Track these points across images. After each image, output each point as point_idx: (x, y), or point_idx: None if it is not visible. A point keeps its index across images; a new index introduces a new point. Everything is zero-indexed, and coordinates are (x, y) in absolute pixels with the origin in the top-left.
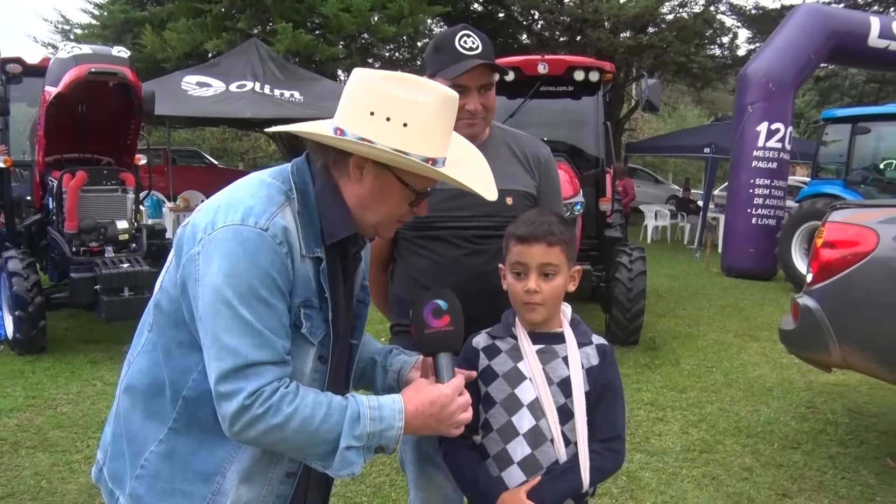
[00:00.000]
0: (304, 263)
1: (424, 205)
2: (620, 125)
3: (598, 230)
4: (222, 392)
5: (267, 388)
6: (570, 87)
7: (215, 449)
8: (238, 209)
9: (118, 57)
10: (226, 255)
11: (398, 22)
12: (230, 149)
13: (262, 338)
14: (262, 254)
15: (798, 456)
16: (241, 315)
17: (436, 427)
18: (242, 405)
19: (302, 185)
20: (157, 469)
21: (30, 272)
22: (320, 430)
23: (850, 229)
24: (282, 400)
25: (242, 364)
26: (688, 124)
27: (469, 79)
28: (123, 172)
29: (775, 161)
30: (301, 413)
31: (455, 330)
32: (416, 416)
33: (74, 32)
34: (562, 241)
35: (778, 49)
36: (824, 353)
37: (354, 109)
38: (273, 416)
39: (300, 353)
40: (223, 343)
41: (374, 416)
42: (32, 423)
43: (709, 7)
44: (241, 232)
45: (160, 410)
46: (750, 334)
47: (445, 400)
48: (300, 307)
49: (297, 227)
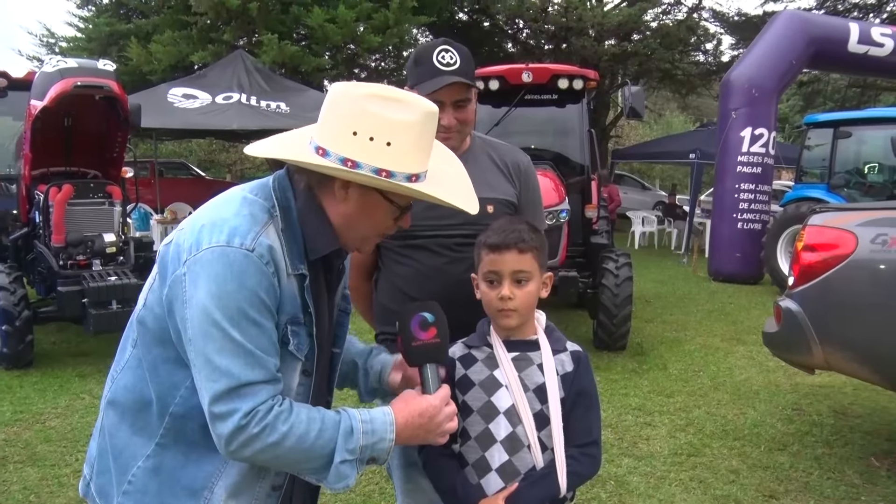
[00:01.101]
0: (290, 281)
1: (408, 217)
2: (606, 132)
3: (584, 237)
4: (217, 413)
5: (262, 408)
6: (554, 96)
7: (202, 464)
8: (223, 229)
9: (104, 70)
10: (213, 277)
11: (383, 32)
12: (217, 160)
13: (254, 358)
14: (249, 275)
15: (784, 457)
16: (232, 336)
17: (424, 437)
18: (238, 425)
19: (284, 201)
20: (145, 484)
21: (17, 286)
22: (315, 446)
23: (829, 232)
24: (277, 419)
25: (236, 384)
26: (673, 130)
27: (444, 94)
28: (110, 185)
29: (759, 166)
30: (296, 431)
31: (441, 342)
32: (406, 427)
33: (60, 46)
34: (533, 247)
35: (760, 55)
36: (807, 355)
37: (337, 128)
38: (269, 435)
39: (287, 370)
40: (215, 364)
41: (366, 429)
42: (20, 438)
43: (692, 14)
44: (227, 253)
45: (147, 426)
46: (737, 338)
47: (433, 411)
48: (287, 324)
49: (282, 246)
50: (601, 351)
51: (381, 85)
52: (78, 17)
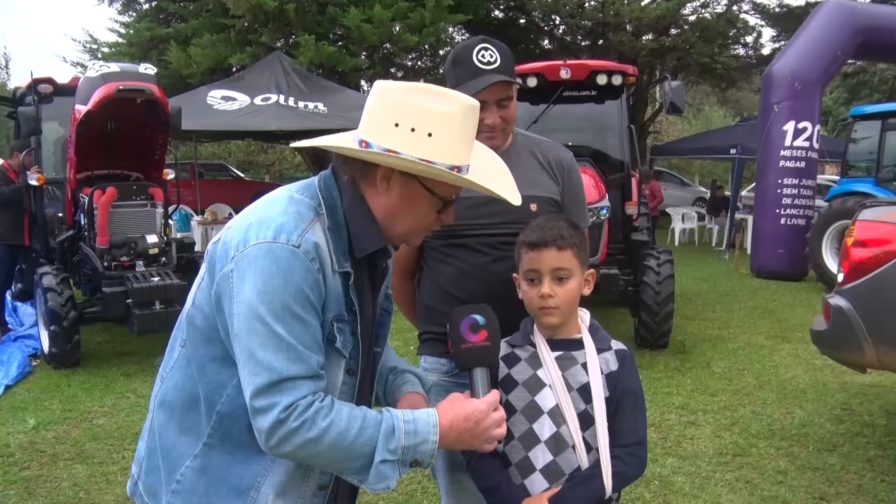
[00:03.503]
0: (335, 279)
1: (451, 212)
2: (645, 128)
3: (624, 234)
4: (258, 407)
5: (302, 402)
6: (593, 92)
7: (249, 463)
8: (270, 226)
9: (145, 74)
10: (259, 273)
11: (420, 31)
12: (256, 161)
13: (297, 353)
14: (294, 271)
15: (834, 459)
16: (276, 331)
17: (470, 442)
18: (278, 419)
19: (330, 199)
20: (193, 484)
21: (64, 287)
22: (355, 444)
23: (881, 227)
24: (317, 414)
25: (277, 379)
26: (713, 125)
27: (487, 94)
28: (152, 187)
29: (803, 160)
30: (336, 427)
31: (492, 345)
32: (451, 430)
33: (102, 51)
34: (572, 244)
35: (803, 47)
36: (858, 354)
37: (379, 121)
38: (308, 430)
39: (332, 368)
40: (258, 359)
41: (408, 429)
42: (69, 436)
43: (731, 7)
44: (273, 249)
45: (195, 425)
46: (781, 336)
47: (480, 415)
48: (333, 321)
49: (328, 243)
50: (643, 349)
51: (422, 83)
52: (119, 23)
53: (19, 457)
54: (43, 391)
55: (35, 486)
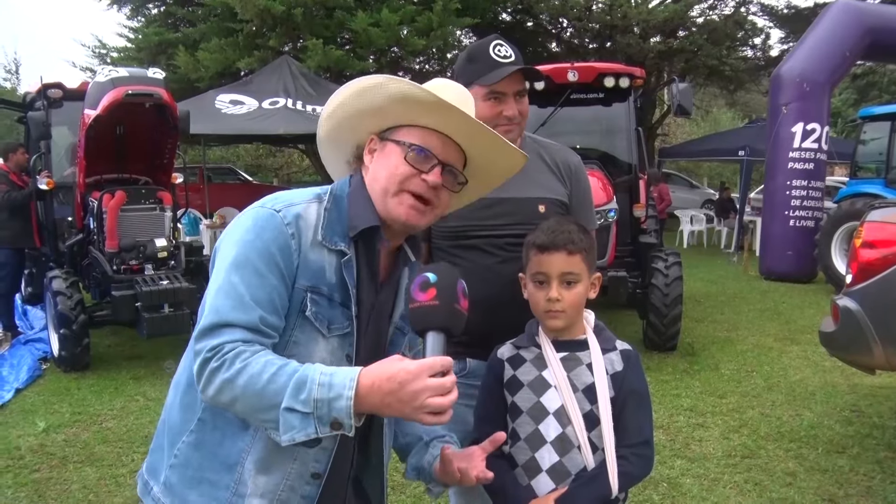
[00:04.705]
0: (317, 252)
1: (436, 172)
2: (653, 130)
3: (633, 236)
4: (196, 349)
5: (227, 345)
6: (600, 94)
7: (236, 440)
8: (265, 200)
9: (153, 78)
10: (237, 226)
11: (427, 35)
12: (264, 165)
13: (243, 303)
14: (267, 230)
15: (844, 461)
16: (230, 279)
17: (398, 408)
18: (204, 358)
19: (338, 190)
20: (188, 458)
21: (73, 291)
22: (266, 391)
23: (889, 228)
24: (237, 356)
25: (217, 322)
26: (721, 127)
27: (506, 85)
28: (161, 191)
29: (812, 162)
30: (249, 370)
31: (440, 305)
32: (372, 389)
33: (111, 56)
34: (582, 249)
35: (812, 48)
36: (867, 355)
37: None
38: (225, 371)
39: (308, 341)
40: (210, 302)
41: (322, 381)
42: (79, 439)
43: (739, 8)
44: (256, 211)
45: (192, 402)
46: (790, 338)
47: (406, 376)
48: (307, 291)
49: (319, 219)
50: (651, 351)
51: None
52: (128, 28)
53: (29, 459)
54: (53, 394)
55: (45, 488)
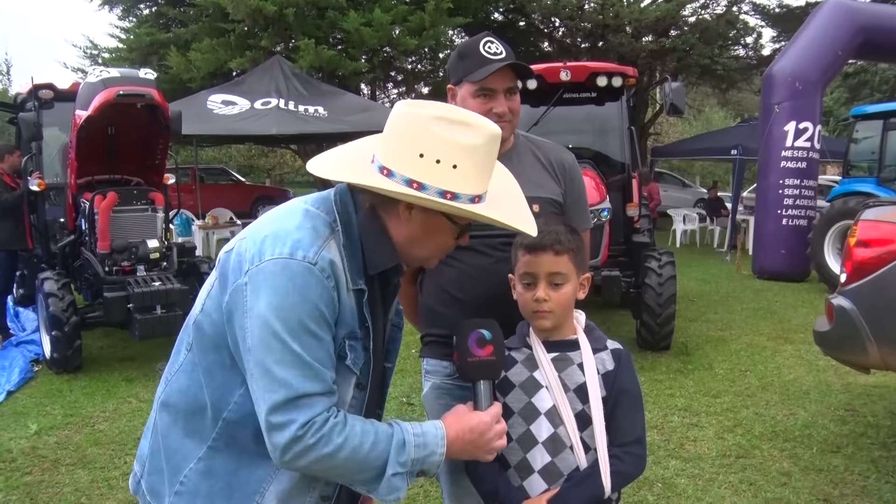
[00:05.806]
0: (349, 296)
1: (467, 236)
2: (645, 130)
3: (626, 236)
4: (274, 423)
5: (318, 419)
6: (593, 94)
7: (254, 469)
8: (286, 241)
9: (145, 79)
10: (275, 289)
11: (420, 34)
12: (257, 165)
13: (312, 370)
14: (310, 288)
15: (838, 460)
16: (292, 348)
17: (472, 452)
18: (295, 436)
19: (345, 215)
20: (197, 486)
21: (65, 293)
22: (369, 458)
23: (883, 227)
24: (332, 430)
25: (294, 395)
26: (714, 126)
27: (496, 81)
28: (153, 192)
29: (804, 160)
30: (351, 443)
31: (497, 360)
32: (456, 441)
33: (102, 56)
34: (569, 249)
35: (803, 47)
36: (861, 355)
37: (402, 149)
38: (325, 447)
39: (342, 383)
40: (274, 375)
41: (418, 442)
42: (71, 441)
43: (731, 7)
44: (290, 266)
45: (200, 429)
46: (784, 337)
47: (484, 427)
48: (345, 339)
49: (343, 261)
50: (645, 351)
51: (445, 105)
52: (119, 29)
53: (21, 462)
54: (45, 396)
55: (37, 491)
